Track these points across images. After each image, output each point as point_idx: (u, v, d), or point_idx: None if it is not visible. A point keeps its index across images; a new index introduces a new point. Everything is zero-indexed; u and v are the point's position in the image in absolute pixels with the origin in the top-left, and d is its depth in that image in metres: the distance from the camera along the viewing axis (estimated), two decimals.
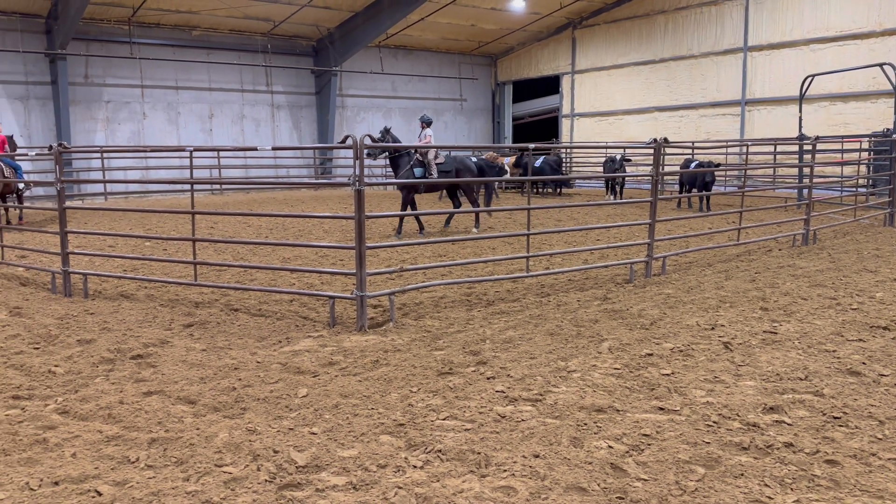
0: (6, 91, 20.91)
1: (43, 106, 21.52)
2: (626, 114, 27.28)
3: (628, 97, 27.13)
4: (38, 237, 12.28)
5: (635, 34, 26.63)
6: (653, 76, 26.29)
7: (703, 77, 24.79)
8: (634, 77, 26.85)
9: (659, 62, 26.01)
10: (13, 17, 20.64)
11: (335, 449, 3.81)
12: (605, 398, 4.47)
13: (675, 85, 25.63)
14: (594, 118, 28.53)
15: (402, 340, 5.92)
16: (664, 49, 25.78)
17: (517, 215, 15.89)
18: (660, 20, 25.82)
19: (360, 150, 6.21)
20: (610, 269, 8.98)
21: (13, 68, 20.92)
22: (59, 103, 21.07)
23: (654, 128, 26.01)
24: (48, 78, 21.43)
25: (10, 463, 3.65)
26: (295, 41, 26.15)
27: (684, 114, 25.54)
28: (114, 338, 6.00)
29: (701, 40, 24.70)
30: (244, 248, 11.15)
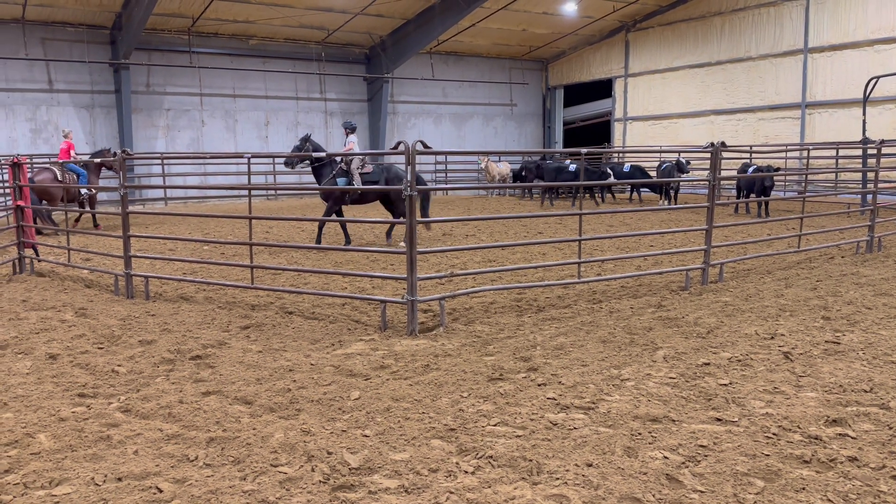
0: (73, 100, 21.81)
1: (107, 114, 22.36)
2: (681, 117, 26.78)
3: (683, 100, 26.64)
4: (102, 241, 12.74)
5: (690, 36, 26.14)
6: (709, 79, 25.76)
7: (762, 79, 24.16)
8: (690, 80, 26.36)
9: (715, 64, 25.47)
10: (80, 28, 21.53)
11: (387, 452, 3.84)
12: (660, 408, 4.39)
13: (732, 88, 25.04)
14: (647, 122, 28.10)
15: (452, 345, 5.93)
16: (721, 51, 25.23)
17: (567, 220, 15.76)
18: (716, 22, 25.28)
19: (412, 156, 6.25)
20: (664, 275, 8.82)
21: (80, 78, 21.80)
22: (122, 111, 21.87)
23: (709, 131, 25.47)
24: (112, 87, 22.27)
25: (77, 458, 3.80)
26: (348, 49, 26.54)
27: (742, 117, 24.93)
28: (174, 339, 6.18)
29: (759, 42, 24.09)
30: (298, 252, 11.35)
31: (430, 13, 23.88)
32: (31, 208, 10.15)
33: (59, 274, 9.59)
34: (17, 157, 10.09)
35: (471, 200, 23.73)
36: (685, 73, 26.49)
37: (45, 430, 4.18)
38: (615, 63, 28.91)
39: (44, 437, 4.08)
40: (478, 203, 22.50)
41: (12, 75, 20.78)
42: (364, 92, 27.30)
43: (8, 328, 6.61)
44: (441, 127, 29.06)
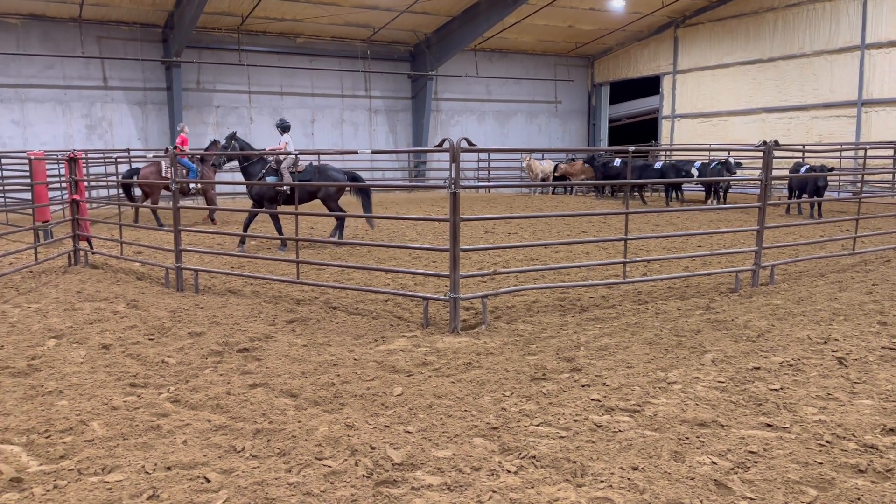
0: (126, 97, 22.40)
1: (159, 111, 22.91)
2: (731, 115, 26.19)
3: (734, 98, 26.03)
4: (153, 234, 13.07)
5: (742, 32, 25.52)
6: (760, 76, 25.12)
7: (816, 77, 23.46)
8: (741, 77, 25.74)
9: (767, 61, 24.82)
10: (134, 27, 22.10)
11: (430, 449, 3.84)
12: (708, 412, 4.30)
13: (785, 85, 24.38)
14: (696, 119, 27.55)
15: (494, 344, 5.91)
16: (773, 48, 24.58)
17: (612, 220, 15.57)
18: (769, 18, 24.64)
19: (457, 154, 6.24)
20: (713, 277, 8.64)
21: (133, 75, 22.38)
22: (174, 108, 22.38)
23: (760, 129, 24.85)
24: (164, 84, 22.80)
25: (128, 447, 3.90)
26: (393, 47, 26.67)
27: (794, 115, 24.26)
28: (222, 331, 6.30)
29: (813, 38, 23.39)
30: (342, 248, 11.45)
31: (475, 10, 23.82)
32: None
33: (111, 266, 9.87)
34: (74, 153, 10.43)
35: (513, 198, 23.63)
36: (736, 70, 25.88)
37: (98, 418, 4.31)
38: (663, 59, 28.41)
39: (97, 424, 4.20)
40: (520, 201, 22.39)
41: (69, 73, 21.45)
42: (408, 89, 27.40)
43: (63, 318, 6.83)
44: (484, 124, 28.99)
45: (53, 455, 3.79)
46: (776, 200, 17.70)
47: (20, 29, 20.61)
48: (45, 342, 6.01)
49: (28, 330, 6.39)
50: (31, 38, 20.78)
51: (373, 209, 12.04)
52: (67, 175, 10.28)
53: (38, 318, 6.82)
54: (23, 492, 3.40)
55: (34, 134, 21.03)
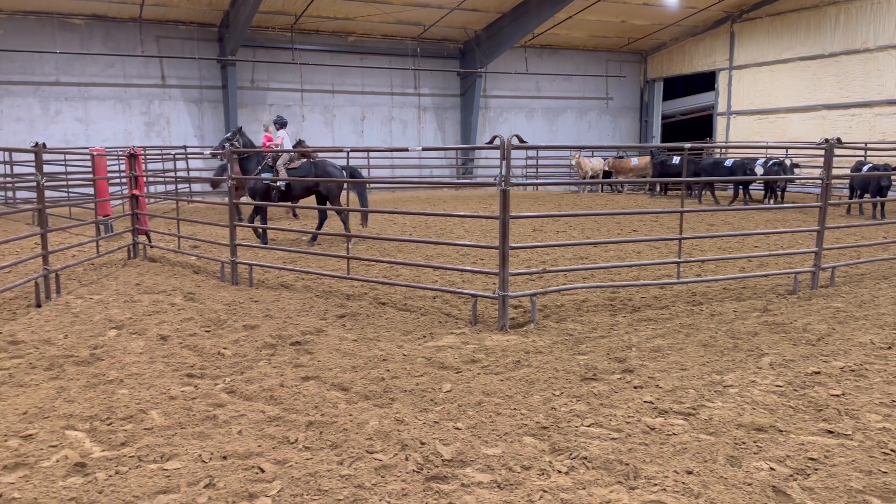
0: (183, 95, 22.99)
1: (214, 108, 23.45)
2: (790, 112, 25.41)
3: (792, 94, 25.24)
4: (209, 229, 13.39)
5: (802, 27, 24.72)
6: (821, 72, 24.29)
7: (880, 72, 22.56)
8: (800, 73, 24.94)
9: (828, 56, 23.99)
10: (191, 26, 22.66)
11: (479, 446, 3.84)
12: (765, 417, 4.18)
13: (847, 81, 23.52)
14: (753, 116, 26.83)
15: (543, 342, 5.87)
16: (834, 43, 23.73)
17: (664, 218, 15.29)
18: (830, 11, 23.79)
19: (508, 151, 6.21)
20: (771, 278, 8.40)
21: (190, 74, 22.95)
22: (229, 106, 22.88)
23: (820, 127, 24.04)
24: (219, 82, 23.32)
25: (185, 436, 4.00)
26: (442, 44, 26.70)
27: (856, 112, 23.39)
28: (275, 325, 6.42)
29: (878, 32, 22.49)
30: (390, 244, 11.54)
31: (525, 6, 23.67)
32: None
33: (169, 260, 10.15)
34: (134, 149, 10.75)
35: (561, 196, 23.43)
36: (794, 66, 25.08)
37: (156, 406, 4.43)
38: (719, 55, 27.73)
39: (156, 413, 4.33)
40: (569, 199, 22.19)
41: (129, 71, 22.12)
42: (457, 87, 27.40)
43: (123, 309, 7.05)
44: (533, 121, 28.79)
45: (115, 442, 3.92)
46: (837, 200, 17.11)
47: (84, 29, 21.35)
48: (107, 332, 6.22)
49: (90, 320, 6.62)
50: (94, 38, 21.50)
51: (368, 205, 11.93)
52: (127, 171, 10.61)
53: (100, 309, 7.06)
54: (86, 476, 3.52)
55: (96, 131, 21.76)
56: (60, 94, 21.31)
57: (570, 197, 23.24)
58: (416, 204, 20.88)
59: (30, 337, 6.03)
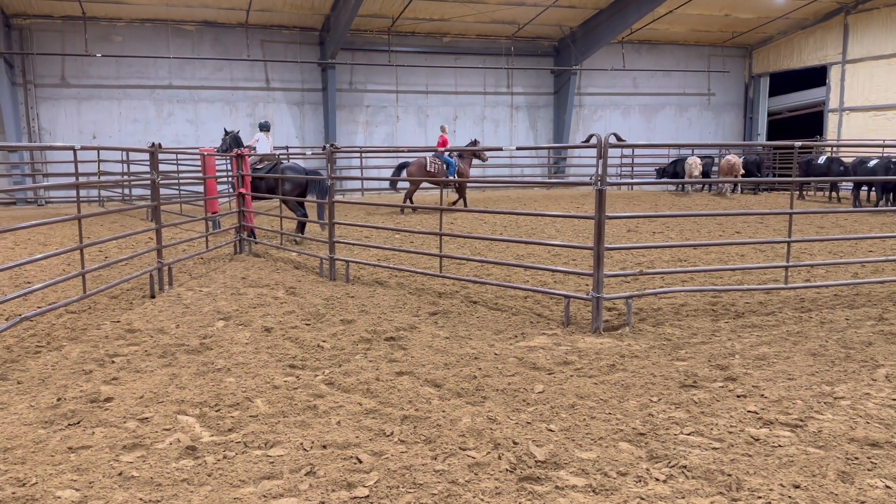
0: (286, 97, 23.90)
1: (315, 110, 24.26)
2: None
3: None
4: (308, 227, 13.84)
5: None
6: None
7: None
8: None
9: None
10: (293, 31, 23.53)
11: (573, 449, 3.80)
12: (881, 432, 3.93)
13: None
14: (868, 113, 25.16)
15: (639, 346, 5.73)
16: None
17: (769, 220, 14.59)
18: None
19: (605, 150, 6.11)
20: (886, 285, 7.87)
21: (292, 76, 23.84)
22: (328, 108, 23.62)
23: None
24: (319, 85, 24.10)
25: (288, 424, 4.17)
26: (537, 42, 26.51)
27: None
28: (370, 320, 6.59)
29: None
30: (481, 243, 11.58)
31: (624, 1, 23.14)
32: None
33: (271, 255, 10.59)
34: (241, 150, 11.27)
35: (658, 196, 22.76)
36: None
37: (261, 395, 4.64)
38: (831, 48, 26.17)
39: (260, 402, 4.53)
40: (665, 199, 21.53)
41: (236, 75, 23.21)
42: (550, 85, 27.13)
43: (230, 301, 7.41)
44: (629, 119, 28.13)
45: (223, 427, 4.13)
46: None
47: (195, 35, 22.57)
48: (215, 323, 6.56)
49: (200, 311, 7.01)
50: (204, 43, 22.69)
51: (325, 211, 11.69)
52: (235, 170, 11.13)
53: (209, 301, 7.45)
54: (196, 459, 3.73)
55: (205, 132, 22.97)
56: (173, 96, 22.62)
57: (668, 197, 22.55)
58: (506, 203, 20.84)
59: (145, 326, 6.44)
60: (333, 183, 8.71)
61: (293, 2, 21.49)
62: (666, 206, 18.99)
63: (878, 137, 23.90)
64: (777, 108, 29.94)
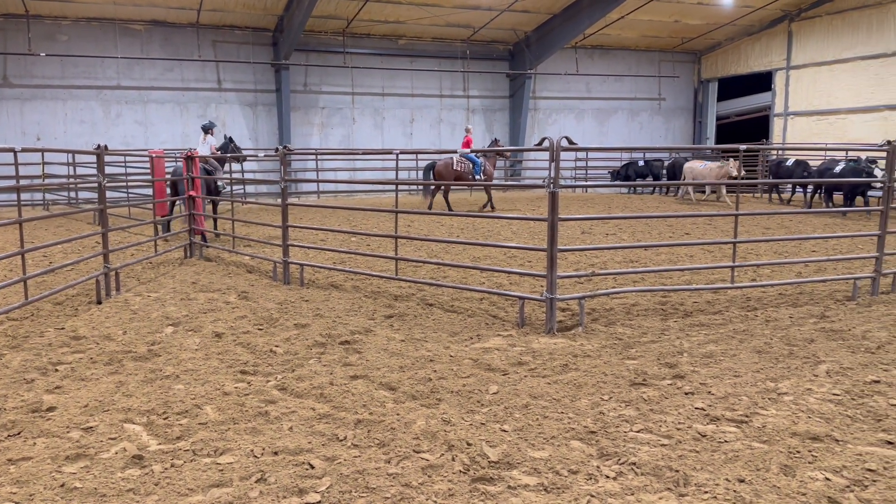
0: (238, 98, 23.54)
1: (268, 112, 23.94)
2: (850, 113, 24.55)
3: (853, 94, 24.38)
4: (261, 230, 13.67)
5: (863, 25, 23.87)
6: (884, 71, 23.39)
7: None
8: (861, 72, 24.08)
9: (892, 55, 23.08)
10: (246, 31, 23.19)
11: (526, 448, 3.83)
12: (821, 426, 4.07)
13: None
14: (811, 117, 26.01)
15: (591, 346, 5.82)
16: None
17: (717, 221, 14.96)
18: (893, 9, 22.91)
19: (557, 153, 6.18)
20: (828, 284, 8.15)
21: (245, 77, 23.49)
22: (282, 109, 23.33)
23: (883, 128, 23.15)
24: (273, 86, 23.79)
25: (238, 431, 4.11)
26: (492, 46, 26.68)
27: None
28: (325, 324, 6.53)
29: None
30: (438, 245, 11.59)
31: (577, 7, 23.46)
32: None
33: (223, 259, 10.41)
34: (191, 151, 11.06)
35: (611, 198, 23.13)
36: (856, 66, 24.22)
37: (211, 402, 4.56)
38: (776, 55, 26.99)
39: (210, 409, 4.45)
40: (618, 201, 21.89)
41: (187, 75, 22.77)
42: (506, 88, 27.34)
43: (180, 307, 7.27)
44: (583, 123, 28.51)
45: (171, 436, 4.05)
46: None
47: (144, 35, 22.06)
48: (164, 329, 6.42)
49: (148, 317, 6.85)
50: (154, 43, 22.19)
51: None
52: (185, 172, 10.92)
53: (157, 307, 7.29)
54: (143, 468, 3.65)
55: (154, 133, 22.46)
56: (121, 97, 22.06)
57: (620, 199, 22.92)
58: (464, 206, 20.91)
59: (91, 333, 6.26)
60: (287, 185, 8.60)
61: (245, 2, 21.20)
62: (618, 209, 19.31)
63: (821, 141, 24.73)
64: (725, 113, 30.72)
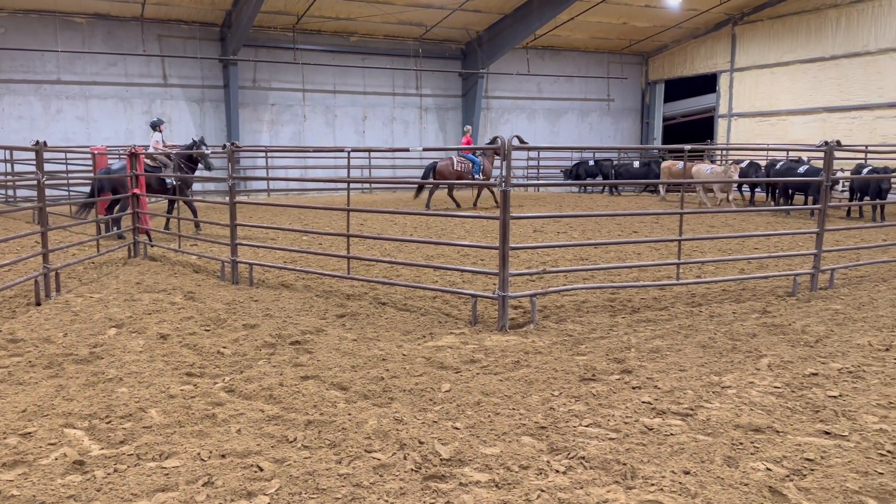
0: (185, 94, 23.02)
1: (216, 108, 23.48)
2: (791, 114, 25.42)
3: (793, 97, 25.26)
4: (208, 228, 13.40)
5: (803, 30, 24.74)
6: (822, 74, 24.30)
7: (881, 75, 22.57)
8: (800, 75, 24.96)
9: (829, 59, 24.00)
10: (193, 26, 22.69)
11: (477, 445, 3.85)
12: (763, 418, 4.20)
13: (847, 84, 23.52)
14: (754, 119, 26.84)
15: (542, 343, 5.88)
16: (835, 45, 23.75)
17: (664, 220, 15.30)
18: (831, 14, 23.81)
19: (508, 152, 6.23)
20: (770, 280, 8.42)
21: (192, 73, 22.99)
22: (230, 105, 22.91)
23: (821, 130, 24.05)
24: (221, 82, 23.35)
25: (185, 434, 4.01)
26: (444, 45, 26.72)
27: (857, 115, 23.39)
28: (275, 324, 6.44)
29: (879, 35, 22.51)
30: (391, 244, 11.55)
31: (528, 7, 23.69)
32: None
33: (169, 259, 10.16)
34: (135, 148, 10.77)
35: (563, 197, 23.43)
36: (796, 69, 25.10)
37: (156, 405, 4.45)
38: (720, 57, 27.76)
39: (155, 412, 4.34)
40: (570, 200, 22.19)
41: (131, 70, 22.15)
42: (458, 87, 27.42)
43: (123, 308, 7.06)
44: (535, 122, 28.81)
45: (114, 440, 3.93)
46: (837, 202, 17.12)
47: (85, 28, 21.38)
48: (106, 331, 6.23)
49: (90, 319, 6.64)
50: (96, 37, 21.53)
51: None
52: (129, 170, 10.62)
53: (100, 308, 7.07)
54: (85, 474, 3.53)
55: (97, 129, 21.79)
56: (62, 92, 21.34)
57: (572, 198, 23.24)
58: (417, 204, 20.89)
59: (29, 335, 6.04)
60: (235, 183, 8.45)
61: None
62: (569, 207, 19.58)
63: (763, 142, 25.54)
64: (672, 114, 31.46)
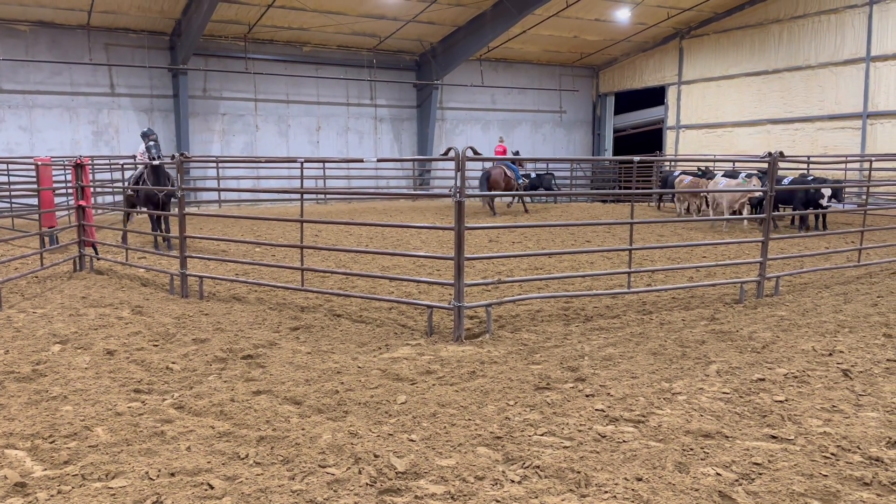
0: (133, 103, 22.51)
1: (165, 117, 23.02)
2: (736, 126, 26.20)
3: (739, 109, 26.06)
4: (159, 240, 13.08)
5: (747, 44, 25.57)
6: (765, 87, 25.14)
7: (821, 88, 23.46)
8: (745, 88, 25.77)
9: (772, 73, 24.85)
10: (141, 34, 22.23)
11: (433, 457, 3.84)
12: (712, 423, 4.29)
13: (790, 96, 24.39)
14: (701, 130, 27.58)
15: (498, 353, 5.90)
16: (778, 59, 24.61)
17: (616, 230, 15.56)
18: (774, 29, 24.68)
19: (463, 162, 6.26)
20: (717, 288, 8.63)
21: (140, 82, 22.50)
22: (180, 115, 22.48)
23: (766, 141, 24.84)
24: (170, 91, 22.91)
25: (132, 452, 3.90)
26: (399, 56, 26.76)
27: (799, 127, 24.25)
28: (226, 338, 6.31)
29: (819, 50, 23.42)
30: (346, 255, 11.47)
31: (481, 20, 23.91)
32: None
33: (116, 272, 9.89)
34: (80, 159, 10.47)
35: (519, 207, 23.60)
36: (741, 81, 25.91)
37: (102, 423, 4.31)
38: (668, 70, 28.47)
39: (101, 430, 4.21)
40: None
41: (77, 79, 21.57)
42: (413, 98, 27.48)
43: (68, 323, 6.84)
44: (489, 133, 29.03)
45: (58, 460, 3.80)
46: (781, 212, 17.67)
47: (28, 35, 20.75)
48: (50, 347, 6.03)
49: (33, 335, 6.41)
50: (40, 45, 20.90)
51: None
52: (74, 181, 10.32)
53: (43, 324, 6.84)
54: (27, 497, 3.40)
55: (41, 140, 21.12)
56: (3, 101, 20.63)
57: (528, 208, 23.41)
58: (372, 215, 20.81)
59: None
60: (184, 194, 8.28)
61: (140, 4, 20.34)
62: (524, 218, 19.76)
63: (710, 153, 26.25)
64: (622, 126, 32.12)
